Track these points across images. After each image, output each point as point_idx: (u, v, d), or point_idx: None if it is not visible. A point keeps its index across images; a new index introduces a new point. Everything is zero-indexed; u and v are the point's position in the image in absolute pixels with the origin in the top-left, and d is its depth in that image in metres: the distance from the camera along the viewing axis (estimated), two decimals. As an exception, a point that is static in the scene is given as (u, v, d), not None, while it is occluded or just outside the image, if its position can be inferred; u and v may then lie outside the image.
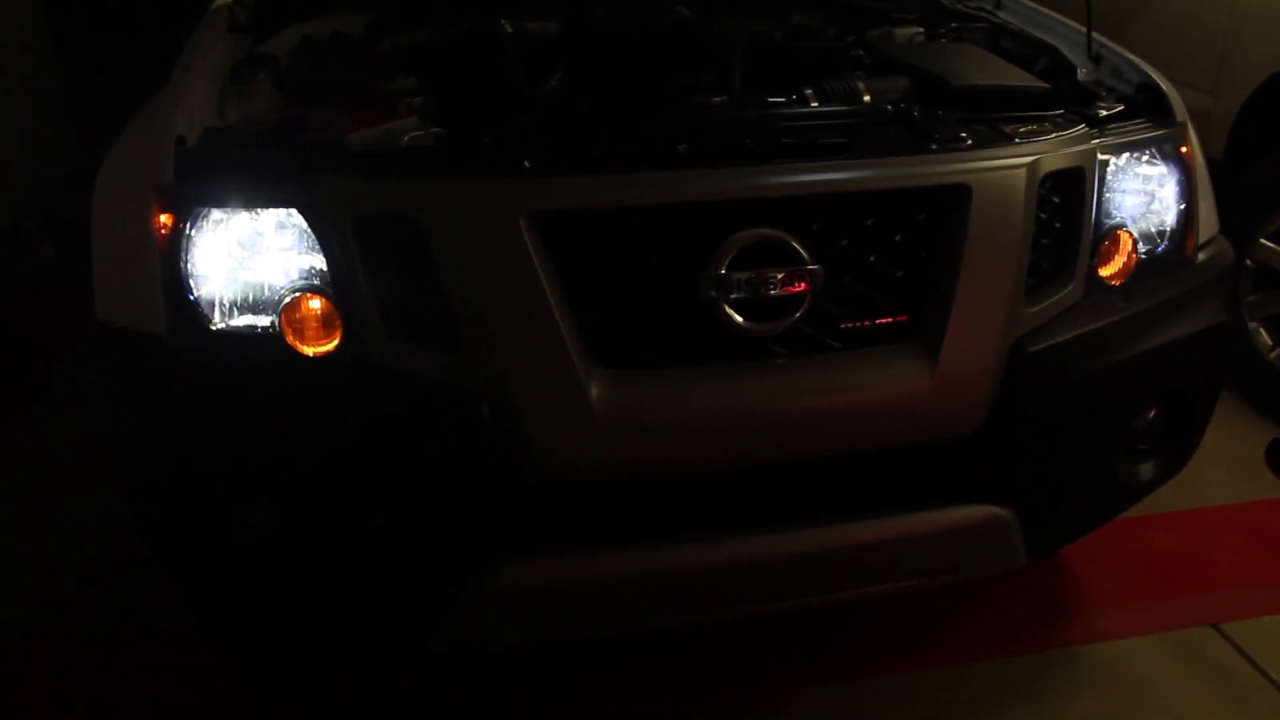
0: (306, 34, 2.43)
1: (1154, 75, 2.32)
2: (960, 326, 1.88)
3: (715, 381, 1.83)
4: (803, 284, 1.82)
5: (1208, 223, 2.29)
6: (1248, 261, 3.44)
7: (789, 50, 2.31)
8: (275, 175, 1.80)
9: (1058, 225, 2.01)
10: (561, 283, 1.76)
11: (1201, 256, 2.25)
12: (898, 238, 1.90)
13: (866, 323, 1.91)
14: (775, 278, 1.80)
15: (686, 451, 1.84)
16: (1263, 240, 3.45)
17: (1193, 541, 2.90)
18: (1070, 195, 2.01)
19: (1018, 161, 1.91)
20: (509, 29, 2.33)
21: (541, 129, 1.93)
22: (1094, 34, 2.44)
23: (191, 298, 1.82)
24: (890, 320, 1.92)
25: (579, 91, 2.28)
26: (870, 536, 1.97)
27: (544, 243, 1.75)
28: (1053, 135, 2.00)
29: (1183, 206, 2.20)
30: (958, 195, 1.88)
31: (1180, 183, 2.20)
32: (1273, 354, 3.45)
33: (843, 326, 1.90)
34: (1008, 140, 1.96)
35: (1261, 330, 3.49)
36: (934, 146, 1.91)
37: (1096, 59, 2.44)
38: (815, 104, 2.13)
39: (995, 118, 2.05)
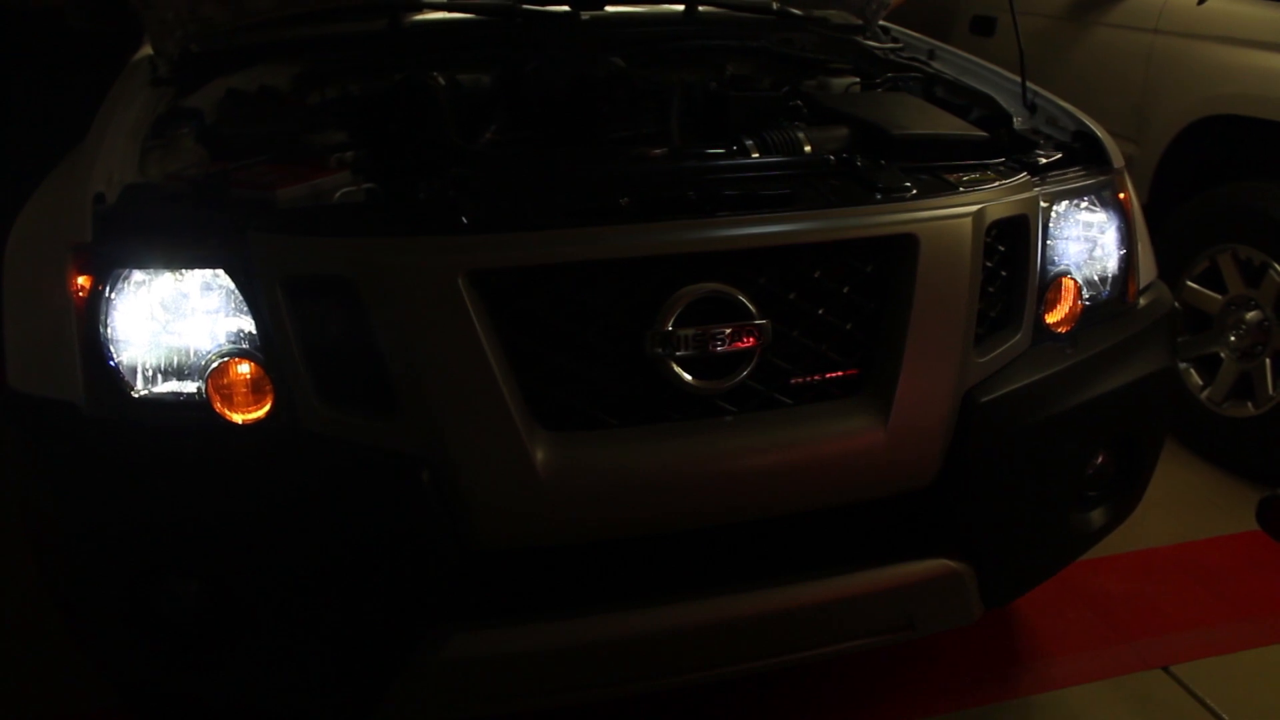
0: (232, 87, 2.35)
1: (1089, 123, 2.33)
2: (912, 378, 1.85)
3: (663, 442, 1.78)
4: (751, 339, 1.78)
5: (1147, 267, 2.31)
6: (1175, 304, 3.49)
7: (727, 100, 2.29)
8: (200, 234, 1.73)
9: (1004, 273, 2.01)
10: (502, 342, 1.71)
11: (1143, 301, 2.27)
12: (846, 289, 1.88)
13: (816, 377, 1.88)
14: (723, 333, 1.77)
15: (635, 515, 1.79)
16: (1189, 282, 3.51)
17: (1137, 584, 2.90)
18: (1015, 243, 2.01)
19: (963, 210, 1.90)
20: (441, 81, 2.29)
21: (478, 183, 1.88)
22: (1028, 82, 2.46)
23: (111, 364, 1.73)
24: (840, 374, 1.89)
25: (515, 144, 2.23)
26: (825, 595, 1.92)
27: (483, 301, 1.70)
28: (996, 183, 2.00)
29: (1123, 252, 2.22)
30: (905, 245, 1.86)
31: (1120, 228, 2.21)
32: (1204, 394, 3.50)
33: (792, 381, 1.86)
34: (952, 189, 1.95)
35: (1192, 371, 3.54)
36: (879, 196, 1.90)
37: (1031, 107, 2.46)
38: (756, 155, 2.11)
39: (937, 166, 2.04)
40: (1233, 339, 3.42)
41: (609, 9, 2.78)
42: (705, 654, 1.94)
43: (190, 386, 1.74)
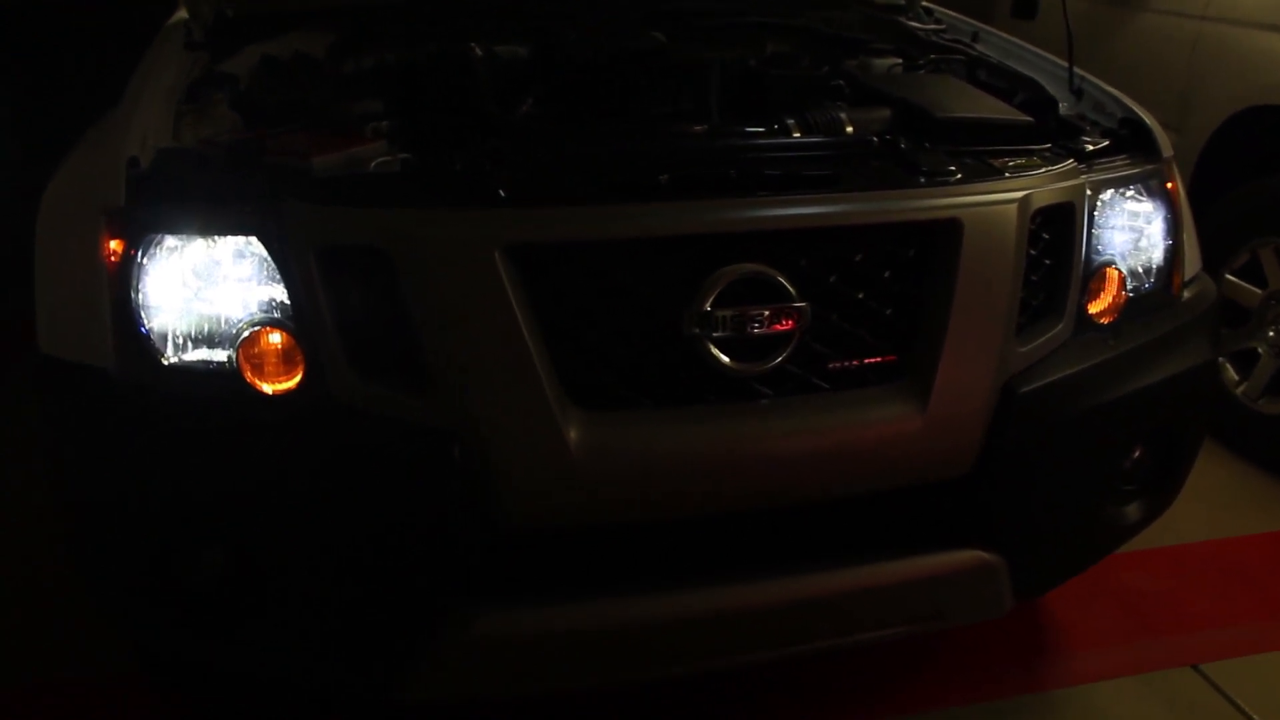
0: (267, 53, 2.33)
1: (1137, 110, 2.29)
2: (951, 366, 1.82)
3: (698, 424, 1.76)
4: (790, 321, 1.75)
5: (1192, 260, 2.26)
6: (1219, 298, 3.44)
7: (768, 78, 2.25)
8: (234, 200, 1.72)
9: (1048, 262, 1.97)
10: (538, 319, 1.69)
11: (1187, 294, 2.23)
12: (887, 274, 1.85)
13: (855, 362, 1.85)
14: (761, 315, 1.74)
15: (668, 497, 1.77)
16: (1228, 276, 3.46)
17: (1169, 580, 2.86)
18: (1061, 231, 1.97)
19: (1009, 196, 1.86)
20: (479, 52, 2.25)
21: (516, 156, 1.85)
22: (1074, 68, 2.41)
23: (142, 330, 1.72)
24: (879, 360, 1.86)
25: (553, 117, 2.20)
26: (857, 583, 1.90)
27: (520, 276, 1.67)
28: (1042, 169, 1.96)
29: (1169, 243, 2.18)
30: (949, 230, 1.82)
31: (1166, 219, 2.17)
32: (1239, 389, 3.45)
33: (830, 366, 1.84)
34: (998, 174, 1.91)
35: (1228, 365, 3.48)
36: (923, 180, 1.86)
37: (1078, 93, 2.41)
38: (798, 134, 2.07)
39: (982, 151, 2.00)
40: (1271, 334, 3.37)
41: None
42: (731, 640, 1.92)
43: (221, 355, 1.73)
